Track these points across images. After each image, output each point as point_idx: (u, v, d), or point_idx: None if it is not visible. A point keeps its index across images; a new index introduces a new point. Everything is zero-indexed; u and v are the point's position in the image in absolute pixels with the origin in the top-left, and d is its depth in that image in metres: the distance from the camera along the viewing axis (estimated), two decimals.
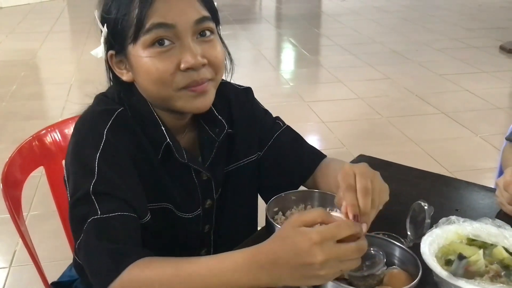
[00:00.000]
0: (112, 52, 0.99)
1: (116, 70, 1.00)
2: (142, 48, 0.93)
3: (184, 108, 0.98)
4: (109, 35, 0.97)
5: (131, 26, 0.93)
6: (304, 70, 5.23)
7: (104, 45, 0.98)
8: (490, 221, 0.98)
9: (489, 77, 4.50)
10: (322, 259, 0.71)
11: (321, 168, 1.17)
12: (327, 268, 0.72)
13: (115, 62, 1.00)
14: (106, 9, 0.96)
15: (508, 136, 1.36)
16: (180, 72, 0.94)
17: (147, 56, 0.93)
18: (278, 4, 8.85)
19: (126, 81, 1.00)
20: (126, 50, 0.96)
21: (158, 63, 0.93)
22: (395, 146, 3.35)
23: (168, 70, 0.93)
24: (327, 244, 0.72)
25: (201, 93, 0.97)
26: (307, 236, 0.72)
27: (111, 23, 0.96)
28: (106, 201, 0.89)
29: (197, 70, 0.95)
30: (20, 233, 1.16)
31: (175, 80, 0.94)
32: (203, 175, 1.07)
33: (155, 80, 0.94)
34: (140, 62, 0.94)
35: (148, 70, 0.94)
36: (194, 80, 0.95)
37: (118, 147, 0.95)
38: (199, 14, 0.95)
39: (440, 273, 0.85)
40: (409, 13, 7.51)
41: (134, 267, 0.82)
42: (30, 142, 1.32)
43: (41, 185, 2.63)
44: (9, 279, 2.24)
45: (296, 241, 0.73)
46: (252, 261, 0.76)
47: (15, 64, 5.11)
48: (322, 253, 0.71)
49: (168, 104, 0.98)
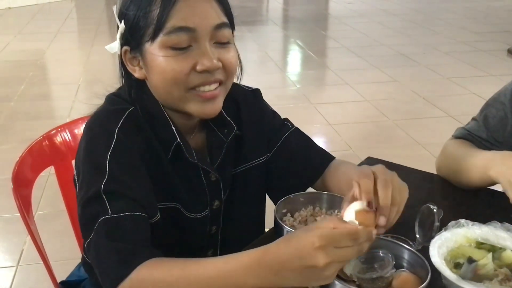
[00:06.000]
0: (126, 48, 0.99)
1: (129, 66, 1.01)
2: (159, 47, 0.94)
3: (193, 112, 0.99)
4: (126, 31, 0.97)
5: (151, 25, 0.93)
6: (311, 72, 5.23)
7: (120, 41, 0.99)
8: (499, 224, 0.98)
9: (497, 80, 4.48)
10: (324, 263, 0.73)
11: (330, 169, 1.17)
12: (331, 269, 0.74)
13: (128, 58, 1.00)
14: (126, 5, 0.97)
15: (456, 134, 1.38)
16: (194, 73, 0.95)
17: (163, 55, 0.94)
18: (285, 6, 8.86)
19: (138, 78, 1.01)
20: (142, 47, 0.97)
21: (174, 63, 0.94)
22: (402, 149, 3.35)
23: (183, 70, 0.94)
24: (329, 249, 0.73)
25: (211, 98, 0.98)
26: (309, 240, 0.74)
27: (130, 19, 0.96)
28: (117, 201, 0.89)
29: (211, 73, 0.96)
30: (30, 231, 1.17)
31: (188, 80, 0.95)
32: (212, 176, 1.07)
33: (169, 79, 0.95)
34: (156, 60, 0.95)
35: (164, 70, 0.94)
36: (206, 80, 0.96)
37: (129, 146, 0.96)
38: (219, 20, 0.96)
39: (449, 276, 0.84)
40: (416, 15, 7.50)
41: (143, 267, 0.83)
42: (40, 142, 1.32)
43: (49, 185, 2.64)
44: (17, 278, 2.25)
45: (299, 245, 0.75)
46: (259, 263, 0.77)
47: (23, 64, 5.14)
48: (325, 257, 0.73)
49: (178, 105, 0.99)
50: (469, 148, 1.27)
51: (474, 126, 1.34)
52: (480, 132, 1.32)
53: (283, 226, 0.97)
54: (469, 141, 1.33)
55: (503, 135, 1.29)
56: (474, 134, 1.33)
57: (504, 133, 1.29)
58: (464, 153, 1.25)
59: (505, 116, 1.29)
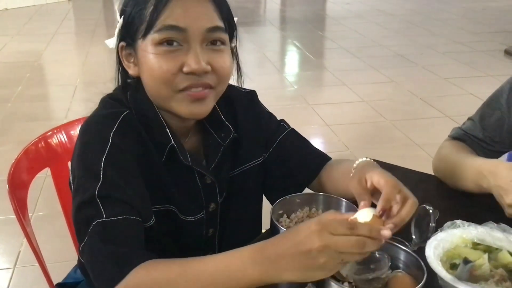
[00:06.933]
0: (123, 44, 1.01)
1: (124, 62, 1.03)
2: (150, 44, 0.95)
3: (180, 112, 0.99)
4: (123, 27, 0.99)
5: (144, 22, 0.95)
6: (309, 73, 5.24)
7: (117, 37, 1.01)
8: (495, 225, 0.98)
9: (494, 81, 4.49)
10: (319, 245, 0.72)
11: (326, 170, 1.18)
12: (325, 256, 0.72)
13: (124, 54, 1.02)
14: (126, 1, 0.99)
15: (452, 134, 1.38)
16: (182, 74, 0.95)
17: (153, 53, 0.94)
18: (282, 6, 8.86)
19: (132, 75, 1.02)
20: (136, 44, 0.98)
21: (162, 62, 0.94)
22: (399, 150, 3.35)
23: (171, 70, 0.94)
24: (325, 233, 0.73)
25: (199, 99, 0.97)
26: (307, 225, 0.75)
27: (126, 15, 0.98)
28: (111, 205, 0.89)
29: (199, 76, 0.95)
30: (26, 234, 1.17)
31: (176, 81, 0.95)
32: (207, 179, 1.07)
33: (157, 78, 0.95)
34: (146, 57, 0.96)
35: (152, 67, 0.95)
36: (194, 83, 0.96)
37: (123, 150, 0.95)
38: (212, 23, 0.96)
39: (445, 277, 0.85)
40: (414, 16, 7.51)
41: (140, 269, 0.82)
42: (36, 144, 1.32)
43: (45, 187, 2.64)
44: (13, 280, 2.24)
45: (298, 231, 0.75)
46: (258, 255, 0.77)
47: (20, 66, 5.14)
48: (319, 239, 0.72)
49: (167, 105, 0.99)
50: (462, 155, 1.27)
51: (471, 126, 1.34)
52: (476, 132, 1.32)
53: (279, 228, 0.97)
54: (465, 141, 1.33)
55: (499, 135, 1.29)
56: (470, 134, 1.33)
57: (501, 133, 1.29)
58: (458, 159, 1.25)
59: (502, 116, 1.29)
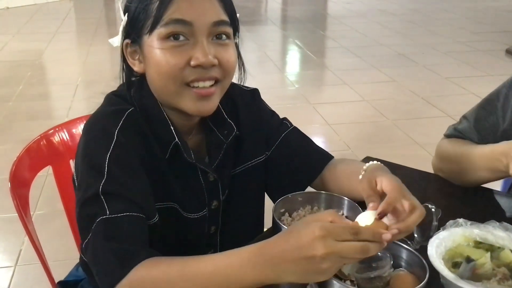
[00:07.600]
0: (127, 41, 1.00)
1: (129, 59, 1.02)
2: (156, 39, 0.95)
3: (187, 109, 0.99)
4: (128, 24, 0.99)
5: (150, 17, 0.95)
6: (310, 72, 5.23)
7: (122, 34, 1.00)
8: (497, 224, 0.98)
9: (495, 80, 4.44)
10: (323, 253, 0.71)
11: (329, 169, 1.17)
12: (329, 262, 0.72)
13: (129, 51, 1.02)
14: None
15: (448, 134, 1.38)
16: (189, 68, 0.95)
17: (160, 48, 0.94)
18: (283, 6, 8.86)
19: (137, 72, 1.02)
20: (141, 40, 0.98)
21: (169, 56, 0.94)
22: (400, 149, 3.35)
23: (178, 64, 0.94)
24: (329, 239, 0.72)
25: (206, 96, 0.98)
26: (310, 230, 0.73)
27: (131, 12, 0.98)
28: (115, 201, 0.89)
29: (206, 69, 0.95)
30: (28, 232, 1.17)
31: (182, 75, 0.95)
32: (210, 176, 1.07)
33: (164, 73, 0.95)
34: (152, 53, 0.96)
35: (159, 62, 0.95)
36: (201, 76, 0.96)
37: (128, 147, 0.95)
38: (218, 17, 0.96)
39: (447, 276, 0.84)
40: (415, 16, 7.51)
41: (141, 267, 0.82)
42: (38, 142, 1.32)
43: (47, 185, 2.64)
44: (15, 278, 2.24)
45: (299, 235, 0.74)
46: (258, 256, 0.77)
47: (22, 65, 5.14)
48: (324, 247, 0.71)
49: (173, 101, 0.99)
50: (466, 147, 1.27)
51: (466, 128, 1.34)
52: (472, 135, 1.32)
53: (281, 226, 0.97)
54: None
55: (493, 140, 1.29)
56: (465, 136, 1.33)
57: (495, 139, 1.28)
58: (464, 152, 1.24)
59: (497, 121, 1.29)
